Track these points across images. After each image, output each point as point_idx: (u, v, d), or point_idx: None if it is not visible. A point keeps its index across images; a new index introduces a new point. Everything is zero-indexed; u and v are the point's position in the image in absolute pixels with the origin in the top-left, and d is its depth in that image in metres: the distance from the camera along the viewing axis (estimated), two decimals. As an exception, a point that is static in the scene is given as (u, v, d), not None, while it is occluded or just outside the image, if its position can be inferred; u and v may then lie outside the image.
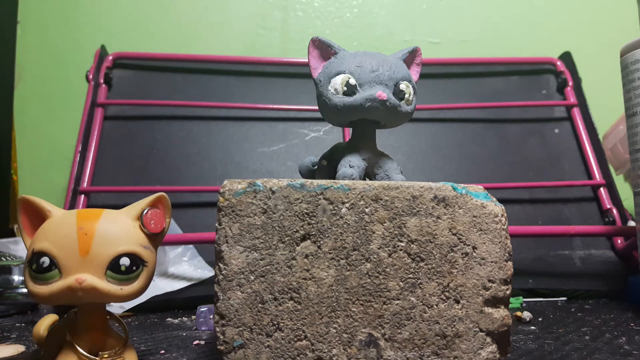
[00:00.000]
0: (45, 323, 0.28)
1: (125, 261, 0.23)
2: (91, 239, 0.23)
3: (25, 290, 0.43)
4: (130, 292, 0.24)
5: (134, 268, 0.24)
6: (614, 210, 0.56)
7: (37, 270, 0.22)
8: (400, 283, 0.24)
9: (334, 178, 0.28)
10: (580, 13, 0.77)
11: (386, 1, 0.75)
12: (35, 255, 0.23)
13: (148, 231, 0.25)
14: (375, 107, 0.27)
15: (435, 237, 0.25)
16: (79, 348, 0.24)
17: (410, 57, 0.31)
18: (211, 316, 0.36)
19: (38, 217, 0.24)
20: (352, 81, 0.27)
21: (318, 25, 0.74)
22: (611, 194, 0.57)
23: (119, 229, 0.24)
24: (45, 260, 0.22)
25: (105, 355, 0.24)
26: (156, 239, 0.25)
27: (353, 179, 0.27)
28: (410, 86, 0.29)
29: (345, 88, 0.28)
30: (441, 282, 0.25)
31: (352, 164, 0.28)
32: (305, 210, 0.24)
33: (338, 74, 0.28)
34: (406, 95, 0.28)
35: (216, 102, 0.59)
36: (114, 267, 0.23)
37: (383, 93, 0.27)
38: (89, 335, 0.24)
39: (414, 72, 0.31)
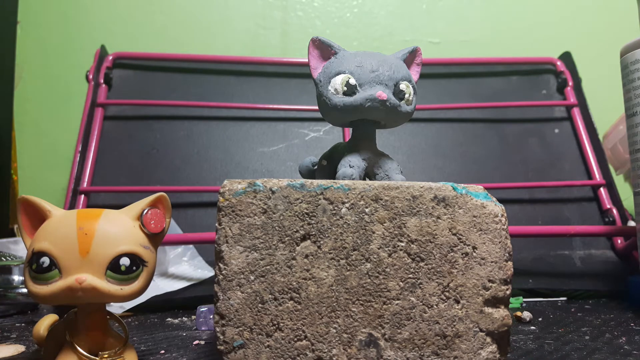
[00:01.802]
0: (45, 323, 0.28)
1: (125, 261, 0.23)
2: (91, 239, 0.23)
3: (25, 290, 0.43)
4: (130, 292, 0.24)
5: (134, 268, 0.24)
6: (614, 210, 0.56)
7: (37, 270, 0.22)
8: (400, 283, 0.24)
9: (334, 178, 0.28)
10: (580, 13, 0.77)
11: (386, 1, 0.75)
12: (35, 256, 0.23)
13: (148, 231, 0.25)
14: (375, 107, 0.27)
15: (435, 237, 0.25)
16: (78, 348, 0.24)
17: (410, 57, 0.31)
18: (211, 316, 0.36)
19: (38, 217, 0.24)
20: (352, 81, 0.27)
21: (318, 25, 0.74)
22: (611, 194, 0.57)
23: (119, 229, 0.24)
24: (45, 261, 0.22)
25: (105, 355, 0.24)
26: (156, 239, 0.25)
27: (353, 179, 0.27)
28: (410, 86, 0.29)
29: (345, 88, 0.28)
30: (441, 282, 0.25)
31: (352, 164, 0.28)
32: (305, 210, 0.24)
33: (338, 74, 0.28)
34: (406, 95, 0.28)
35: (216, 102, 0.59)
36: (114, 267, 0.23)
37: (383, 93, 0.27)
38: (89, 335, 0.24)
39: (414, 72, 0.31)
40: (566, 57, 0.66)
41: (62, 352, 0.24)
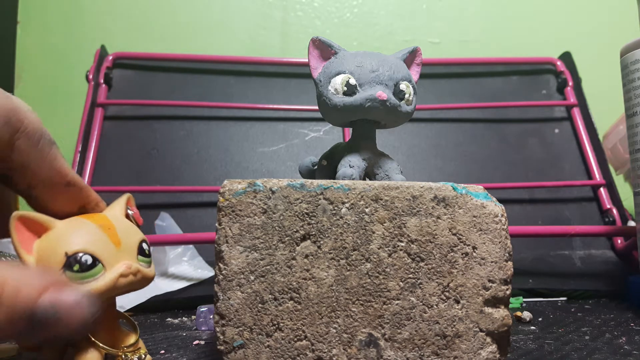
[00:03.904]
0: None
1: (145, 245, 0.26)
2: (116, 231, 0.25)
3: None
4: (154, 273, 0.26)
5: (149, 252, 0.26)
6: (614, 210, 0.56)
7: (80, 270, 0.23)
8: (400, 283, 0.24)
9: (334, 178, 0.28)
10: (580, 13, 0.77)
11: (386, 1, 0.75)
12: (72, 257, 0.23)
13: (137, 224, 0.28)
14: (376, 107, 0.27)
15: (435, 237, 0.25)
16: (102, 344, 0.24)
17: (411, 57, 0.31)
18: (211, 316, 0.36)
19: (34, 231, 0.24)
20: (352, 81, 0.27)
21: (318, 25, 0.74)
22: (611, 194, 0.57)
23: (126, 222, 0.26)
24: (88, 258, 0.23)
25: (126, 348, 0.25)
26: None
27: (353, 179, 0.27)
28: (410, 86, 0.29)
29: (345, 88, 0.27)
30: (441, 282, 0.25)
31: (352, 164, 0.28)
32: (305, 210, 0.24)
33: (338, 73, 0.28)
34: (406, 96, 0.28)
35: (216, 102, 0.59)
36: (141, 251, 0.25)
37: (383, 93, 0.27)
38: (104, 332, 0.25)
39: (414, 72, 0.31)
40: (566, 57, 0.66)
41: (80, 350, 0.24)
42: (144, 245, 0.26)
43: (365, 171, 0.29)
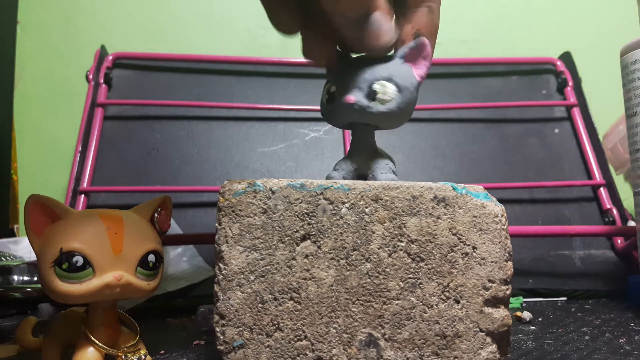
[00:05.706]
0: (29, 327, 0.29)
1: (152, 258, 0.25)
2: (122, 237, 0.24)
3: (29, 289, 0.44)
4: (153, 287, 0.25)
5: (157, 264, 0.25)
6: (614, 210, 0.56)
7: (69, 270, 0.23)
8: (400, 283, 0.24)
9: None
10: (580, 13, 0.77)
11: (386, 1, 0.75)
12: (65, 255, 0.23)
13: (161, 230, 0.26)
14: (348, 111, 0.28)
15: (435, 237, 0.25)
16: (102, 345, 0.24)
17: (415, 52, 0.29)
18: (211, 316, 0.36)
19: (49, 217, 0.24)
20: (333, 89, 0.28)
21: (318, 25, 0.74)
22: (611, 194, 0.57)
23: (142, 228, 0.25)
24: (79, 260, 0.23)
25: (126, 349, 0.25)
26: (162, 237, 0.27)
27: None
28: (391, 84, 0.27)
29: (327, 96, 0.29)
30: (441, 282, 0.25)
31: (338, 167, 0.29)
32: (305, 210, 0.24)
33: (327, 83, 0.29)
34: (379, 95, 0.27)
35: (216, 102, 0.59)
36: (143, 263, 0.24)
37: (351, 97, 0.27)
38: (105, 332, 0.25)
39: (422, 66, 0.30)
40: (566, 57, 0.66)
41: (80, 350, 0.24)
42: (150, 257, 0.25)
43: (358, 173, 0.29)
